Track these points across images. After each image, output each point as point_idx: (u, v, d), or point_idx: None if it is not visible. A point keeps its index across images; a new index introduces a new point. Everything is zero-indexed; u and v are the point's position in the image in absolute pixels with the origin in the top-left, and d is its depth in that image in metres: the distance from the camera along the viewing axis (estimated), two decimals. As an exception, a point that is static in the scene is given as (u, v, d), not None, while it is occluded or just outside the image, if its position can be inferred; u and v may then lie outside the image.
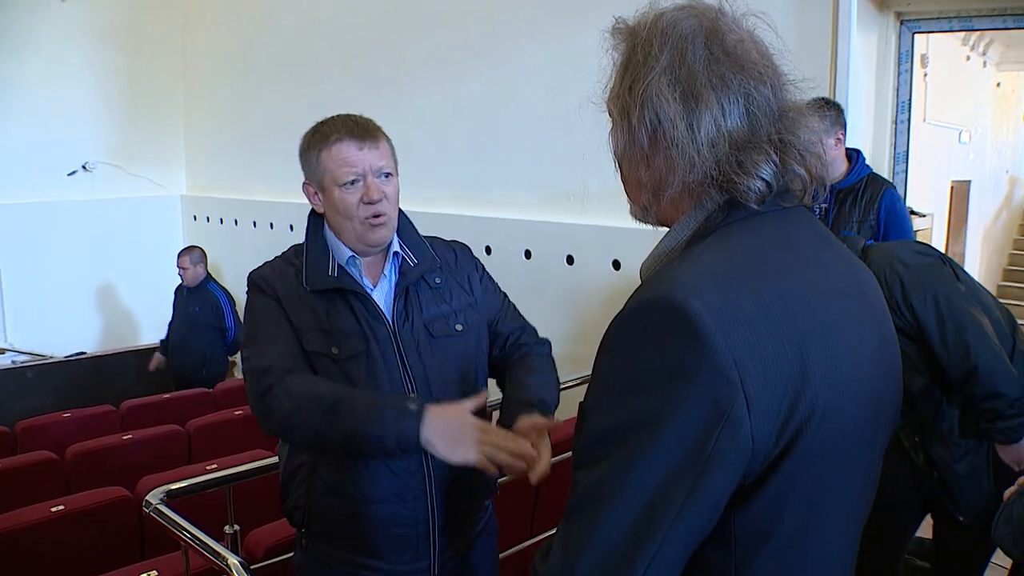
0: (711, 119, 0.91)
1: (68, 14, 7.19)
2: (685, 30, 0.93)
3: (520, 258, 4.81)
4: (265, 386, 1.62)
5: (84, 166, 7.43)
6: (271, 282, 1.74)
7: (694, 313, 0.80)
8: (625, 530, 0.82)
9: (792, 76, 0.99)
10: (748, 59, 0.94)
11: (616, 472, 0.83)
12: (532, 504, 3.01)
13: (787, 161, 0.93)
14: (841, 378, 0.88)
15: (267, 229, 6.88)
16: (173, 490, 2.11)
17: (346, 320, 1.71)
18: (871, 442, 0.98)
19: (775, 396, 0.82)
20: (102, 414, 4.59)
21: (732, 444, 0.81)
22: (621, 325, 0.87)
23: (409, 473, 1.72)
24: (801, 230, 0.97)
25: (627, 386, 0.84)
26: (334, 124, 1.76)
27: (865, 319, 0.97)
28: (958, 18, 3.49)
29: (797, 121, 0.95)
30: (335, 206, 1.73)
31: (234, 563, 1.80)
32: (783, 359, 0.83)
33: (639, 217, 1.04)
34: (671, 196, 0.96)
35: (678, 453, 0.80)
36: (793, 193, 0.96)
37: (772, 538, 0.88)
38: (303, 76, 6.46)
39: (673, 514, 0.81)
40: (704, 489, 0.81)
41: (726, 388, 0.80)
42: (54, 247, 7.25)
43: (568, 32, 4.34)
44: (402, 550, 1.74)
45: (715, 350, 0.80)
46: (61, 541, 2.72)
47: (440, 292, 1.82)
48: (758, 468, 0.84)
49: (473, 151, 5.13)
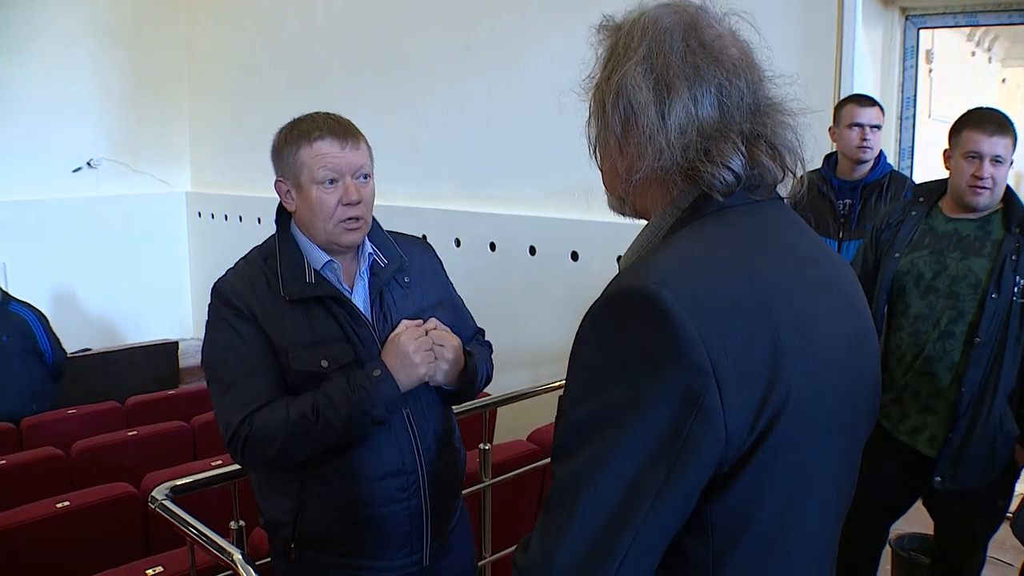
0: (682, 107, 0.93)
1: (72, 11, 7.19)
2: (665, 24, 0.96)
3: (525, 255, 4.80)
4: (242, 437, 1.62)
5: (89, 163, 7.43)
6: (243, 297, 1.69)
7: (665, 303, 0.82)
8: (601, 519, 0.83)
9: (771, 73, 1.01)
10: (725, 53, 0.96)
11: (592, 462, 0.84)
12: (537, 501, 3.01)
13: (756, 154, 0.95)
14: (816, 368, 0.89)
15: (271, 225, 6.87)
16: (178, 486, 2.11)
17: (329, 328, 1.69)
18: (850, 433, 0.99)
19: (748, 385, 0.83)
20: (107, 410, 4.59)
21: (705, 433, 0.82)
22: (594, 316, 0.88)
23: (406, 473, 1.73)
24: (776, 223, 0.99)
25: (600, 376, 0.85)
26: (315, 121, 1.72)
27: (841, 310, 0.98)
28: (963, 13, 3.48)
29: (774, 117, 0.97)
30: (311, 205, 1.70)
31: (239, 559, 1.80)
32: (756, 349, 0.84)
33: (617, 208, 1.07)
34: (639, 181, 0.98)
35: (652, 442, 0.82)
36: (766, 187, 0.98)
37: (750, 528, 0.89)
38: (307, 72, 6.46)
39: (648, 503, 0.82)
40: (678, 478, 0.83)
41: (698, 377, 0.81)
42: (59, 244, 7.26)
43: (572, 29, 4.33)
44: (399, 546, 1.77)
45: (687, 339, 0.81)
46: (66, 537, 2.73)
47: (411, 290, 1.82)
48: (733, 457, 0.85)
49: (478, 148, 5.13)
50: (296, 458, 1.66)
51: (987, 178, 2.34)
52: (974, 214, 2.41)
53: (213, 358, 1.71)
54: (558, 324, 4.46)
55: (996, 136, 2.34)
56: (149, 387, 5.54)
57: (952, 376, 2.38)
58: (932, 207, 2.49)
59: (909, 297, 2.47)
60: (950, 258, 2.40)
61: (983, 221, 2.39)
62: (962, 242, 2.40)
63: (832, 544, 1.04)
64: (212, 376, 1.71)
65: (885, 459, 2.47)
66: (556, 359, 3.94)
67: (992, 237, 2.36)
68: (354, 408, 1.60)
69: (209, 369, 1.71)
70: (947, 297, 2.38)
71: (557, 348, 4.20)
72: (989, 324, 2.30)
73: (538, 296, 4.58)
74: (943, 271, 2.40)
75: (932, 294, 2.41)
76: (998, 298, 2.29)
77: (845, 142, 3.01)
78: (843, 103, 3.09)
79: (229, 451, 1.68)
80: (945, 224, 2.45)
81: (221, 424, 1.67)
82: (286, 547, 1.78)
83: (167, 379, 6.04)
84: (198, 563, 2.10)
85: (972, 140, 2.36)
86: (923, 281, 2.43)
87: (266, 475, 1.79)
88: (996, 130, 2.35)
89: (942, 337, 2.39)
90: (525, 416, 3.10)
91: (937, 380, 2.40)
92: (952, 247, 2.41)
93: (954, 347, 2.37)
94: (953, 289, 2.38)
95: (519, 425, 3.38)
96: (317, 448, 1.64)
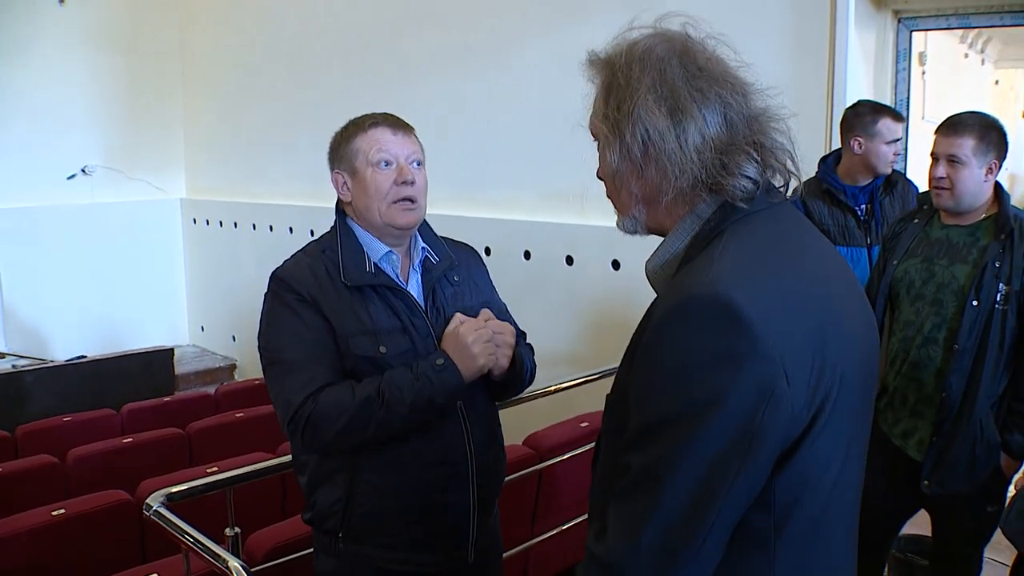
0: (696, 128, 1.02)
1: (67, 18, 7.19)
2: (660, 53, 1.05)
3: (520, 259, 4.81)
4: (305, 415, 1.64)
5: (83, 170, 7.43)
6: (305, 284, 1.72)
7: (738, 305, 0.91)
8: (686, 500, 0.92)
9: (757, 84, 1.09)
10: (720, 72, 1.05)
11: (675, 449, 0.93)
12: (533, 506, 3.01)
13: (767, 159, 1.06)
14: (848, 351, 1.01)
15: (267, 232, 6.87)
16: (173, 493, 2.11)
17: (387, 317, 1.74)
18: (867, 417, 1.12)
19: (805, 370, 0.94)
20: (103, 418, 4.59)
21: (777, 417, 0.92)
22: (670, 319, 0.96)
23: (455, 464, 1.77)
24: (791, 224, 1.09)
25: (679, 372, 0.94)
26: (369, 115, 1.82)
27: (855, 304, 1.09)
28: (956, 15, 3.49)
29: (767, 124, 1.06)
30: (366, 187, 1.75)
31: (235, 566, 1.80)
32: (809, 339, 0.95)
33: (628, 228, 1.15)
34: (667, 202, 1.07)
35: (731, 429, 0.91)
36: (777, 190, 1.09)
37: (805, 504, 0.99)
38: (302, 78, 6.46)
39: (728, 483, 0.92)
40: (754, 458, 0.93)
41: (771, 369, 0.91)
42: (54, 251, 7.25)
43: (569, 32, 4.34)
44: (448, 538, 1.80)
45: (760, 336, 0.91)
46: (62, 545, 2.72)
47: (460, 288, 1.88)
48: (795, 434, 0.96)
49: (473, 151, 5.13)
50: (355, 441, 1.68)
51: (941, 178, 2.34)
52: (965, 220, 2.41)
53: (274, 342, 1.73)
54: (554, 328, 4.46)
55: (951, 137, 2.33)
56: (145, 394, 5.52)
57: (936, 382, 2.38)
58: (933, 215, 2.50)
59: (902, 304, 2.48)
60: (938, 265, 2.41)
61: (973, 228, 2.39)
62: (951, 249, 2.40)
63: (856, 526, 1.14)
64: (272, 359, 1.72)
65: (882, 462, 2.48)
66: (552, 363, 3.94)
67: (979, 244, 2.36)
68: (419, 395, 1.64)
69: (269, 352, 1.73)
70: (932, 304, 2.39)
71: (553, 352, 4.20)
72: (969, 331, 2.30)
73: (534, 300, 4.57)
74: (931, 278, 2.41)
75: (920, 301, 2.42)
76: (979, 305, 2.29)
77: (878, 157, 2.92)
78: (878, 116, 2.95)
79: (288, 431, 1.68)
80: (939, 231, 2.46)
81: (281, 404, 1.68)
82: (333, 540, 1.79)
83: (163, 386, 6.03)
84: (194, 570, 2.09)
85: (933, 141, 2.40)
86: (913, 288, 2.44)
87: (316, 465, 1.79)
88: (952, 131, 2.34)
89: (926, 343, 2.40)
90: (521, 420, 3.10)
91: (923, 385, 2.41)
92: (941, 254, 2.42)
93: (937, 353, 2.38)
94: (938, 296, 2.38)
95: (515, 429, 3.38)
96: (378, 433, 1.66)
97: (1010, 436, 2.33)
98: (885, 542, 2.71)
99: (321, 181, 1.89)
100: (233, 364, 7.50)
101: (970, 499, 2.40)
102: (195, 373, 7.25)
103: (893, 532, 2.72)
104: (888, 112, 2.98)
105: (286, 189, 6.59)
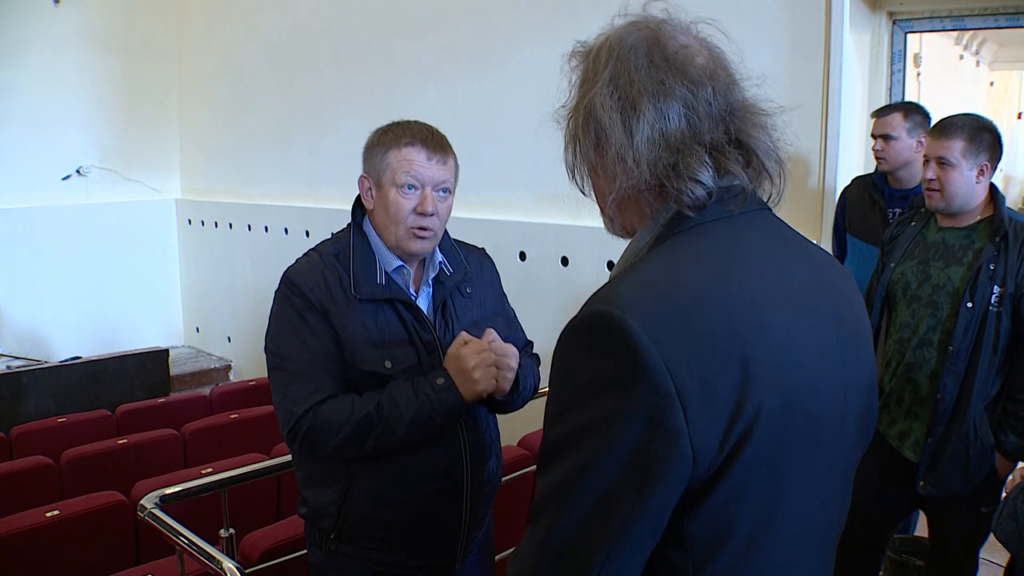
0: (647, 124, 0.94)
1: (62, 19, 7.16)
2: (629, 43, 0.97)
3: (515, 260, 4.81)
4: (304, 426, 1.64)
5: (79, 170, 7.40)
6: (315, 290, 1.71)
7: (629, 328, 0.83)
8: (576, 531, 0.87)
9: (746, 77, 1.01)
10: (690, 63, 0.96)
11: (565, 477, 0.87)
12: (527, 507, 3.00)
13: (724, 163, 0.95)
14: (792, 382, 0.90)
15: (262, 232, 6.86)
16: (168, 495, 2.11)
17: (395, 329, 1.73)
18: (836, 445, 0.98)
19: (716, 404, 0.84)
20: (97, 419, 4.57)
21: (671, 452, 0.83)
22: (567, 338, 0.90)
23: (451, 475, 1.77)
24: (752, 235, 0.98)
25: (572, 396, 0.88)
26: (410, 127, 1.78)
27: (822, 319, 0.97)
28: (950, 17, 3.49)
29: (747, 119, 0.97)
30: (387, 206, 1.74)
31: (229, 567, 1.80)
32: (724, 368, 0.85)
33: (608, 229, 1.09)
34: (616, 201, 1.00)
35: (620, 460, 0.84)
36: (740, 197, 0.97)
37: (728, 542, 0.90)
38: (297, 79, 6.45)
39: (620, 519, 0.85)
40: (648, 495, 0.85)
41: (660, 399, 0.82)
42: (49, 251, 7.23)
43: (564, 33, 4.33)
44: (437, 546, 1.81)
45: (648, 363, 0.82)
46: (56, 546, 2.71)
47: (471, 300, 1.87)
48: (704, 475, 0.86)
49: (468, 153, 5.09)
50: (353, 454, 1.69)
51: (932, 180, 2.38)
52: (961, 223, 2.42)
53: (280, 346, 1.73)
54: (549, 330, 4.44)
55: (941, 139, 2.37)
56: (139, 395, 5.52)
57: (930, 383, 2.39)
58: (930, 217, 2.51)
59: (898, 306, 2.49)
60: (934, 267, 2.42)
61: (968, 230, 2.40)
62: (947, 251, 2.42)
63: (824, 553, 1.04)
64: (277, 364, 1.72)
65: (879, 463, 2.49)
66: (547, 364, 3.93)
67: (974, 246, 2.37)
68: (418, 413, 1.64)
69: (274, 356, 1.73)
70: (927, 306, 2.40)
71: (548, 353, 4.18)
72: (964, 333, 2.31)
73: (529, 301, 4.57)
74: (927, 280, 2.42)
75: (916, 303, 2.43)
76: (973, 307, 2.30)
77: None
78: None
79: (287, 440, 1.69)
80: (935, 234, 2.47)
81: (283, 412, 1.68)
82: (325, 539, 1.79)
83: (158, 387, 6.02)
84: (188, 572, 2.09)
85: (926, 144, 2.45)
86: (909, 290, 2.46)
87: (316, 465, 1.80)
88: (942, 134, 2.38)
89: (920, 345, 2.41)
90: (515, 422, 3.09)
91: (918, 387, 2.42)
92: (937, 256, 2.43)
93: (931, 355, 2.39)
94: (933, 298, 2.39)
95: (509, 430, 3.38)
96: (377, 447, 1.66)
97: (1004, 437, 2.34)
98: (881, 543, 2.71)
99: (316, 183, 1.88)
100: (228, 365, 7.48)
101: (965, 500, 2.41)
102: (190, 374, 7.23)
103: (889, 533, 2.73)
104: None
105: (281, 190, 6.59)
